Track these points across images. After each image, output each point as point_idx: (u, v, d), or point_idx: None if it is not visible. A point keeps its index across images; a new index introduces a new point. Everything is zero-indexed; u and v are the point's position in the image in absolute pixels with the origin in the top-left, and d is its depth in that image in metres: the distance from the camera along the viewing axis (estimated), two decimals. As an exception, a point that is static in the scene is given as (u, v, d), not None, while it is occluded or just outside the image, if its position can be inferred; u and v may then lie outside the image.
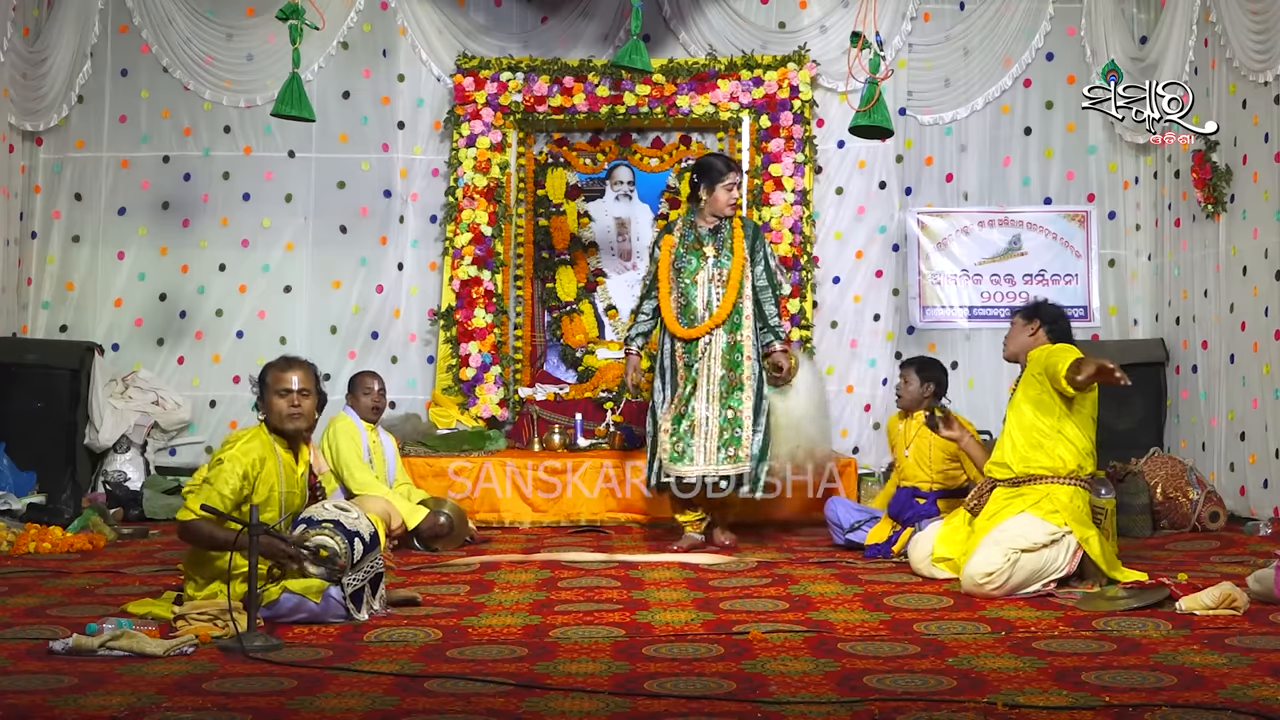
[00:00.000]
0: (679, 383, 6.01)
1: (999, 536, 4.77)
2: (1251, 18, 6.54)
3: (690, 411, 5.95)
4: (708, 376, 5.95)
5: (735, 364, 5.96)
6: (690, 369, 5.97)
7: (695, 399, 5.94)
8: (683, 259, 6.09)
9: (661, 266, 6.13)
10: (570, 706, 3.20)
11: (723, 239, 6.07)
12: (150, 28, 7.96)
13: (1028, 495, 4.88)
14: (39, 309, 7.95)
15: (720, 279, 6.02)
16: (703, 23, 8.02)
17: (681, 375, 6.01)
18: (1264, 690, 3.28)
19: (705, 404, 5.94)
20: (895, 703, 3.21)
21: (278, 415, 4.44)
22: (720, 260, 6.04)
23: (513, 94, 7.88)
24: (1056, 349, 4.94)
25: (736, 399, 5.93)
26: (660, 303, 6.11)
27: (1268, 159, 6.51)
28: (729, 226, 6.10)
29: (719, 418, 5.92)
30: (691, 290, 6.05)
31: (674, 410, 5.98)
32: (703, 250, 6.07)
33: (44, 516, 6.54)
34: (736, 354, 5.96)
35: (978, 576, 4.70)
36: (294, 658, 3.72)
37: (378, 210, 8.08)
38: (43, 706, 3.17)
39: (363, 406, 6.39)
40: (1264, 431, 6.50)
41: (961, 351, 7.97)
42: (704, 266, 6.04)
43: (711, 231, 6.10)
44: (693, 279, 6.05)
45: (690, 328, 6.00)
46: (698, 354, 5.97)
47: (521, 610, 4.51)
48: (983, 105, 8.03)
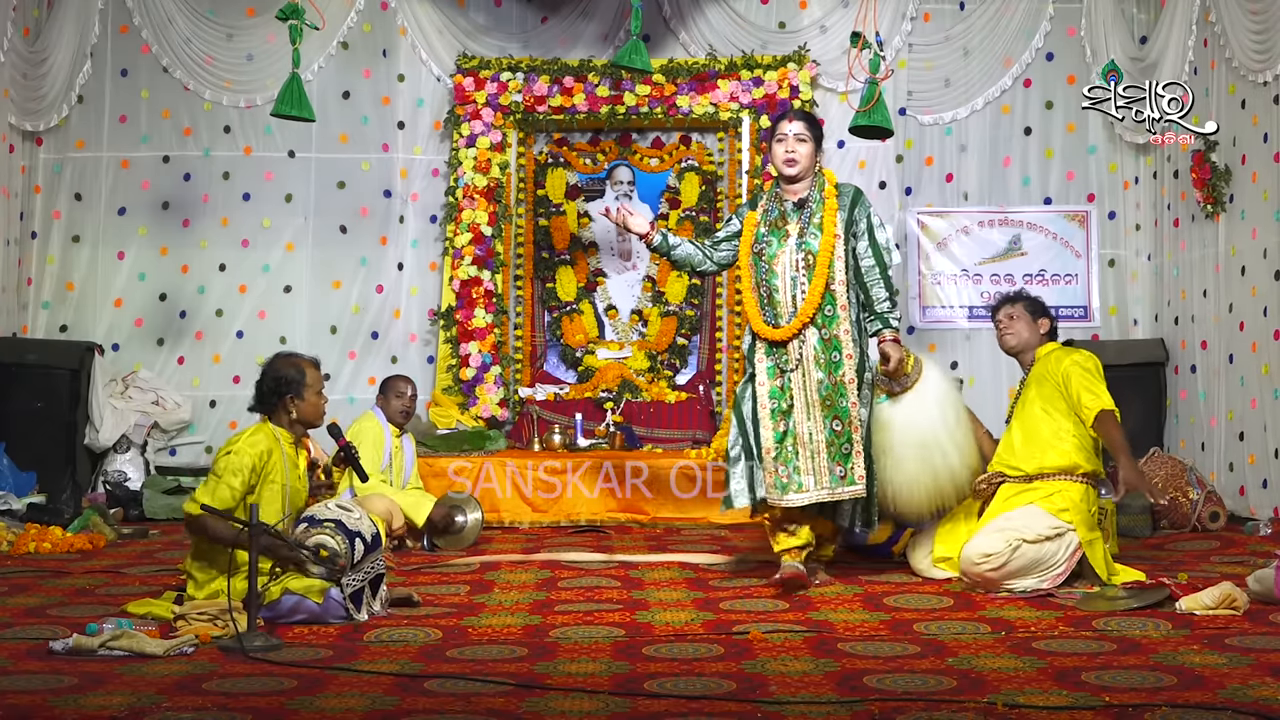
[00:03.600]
0: (773, 391, 4.96)
1: (1003, 524, 4.79)
2: (1251, 18, 6.54)
3: (792, 427, 4.92)
4: (805, 384, 4.91)
5: (834, 365, 4.89)
6: (785, 375, 4.94)
7: (795, 412, 4.92)
8: (763, 240, 5.03)
9: (742, 250, 5.10)
10: (570, 706, 3.20)
11: (809, 214, 4.98)
12: (150, 28, 7.97)
13: (1039, 489, 4.89)
14: (39, 309, 7.95)
15: (805, 264, 4.92)
16: (703, 23, 8.02)
17: (764, 381, 4.98)
18: (1264, 690, 3.28)
19: (807, 418, 4.90)
20: (895, 703, 3.21)
21: (317, 413, 4.52)
22: (805, 240, 4.94)
23: (513, 94, 7.89)
24: (1085, 375, 4.90)
25: (843, 408, 4.88)
26: (743, 295, 5.11)
27: (1267, 159, 6.51)
28: (818, 197, 5.00)
29: (825, 431, 4.88)
30: (773, 279, 4.97)
31: (770, 428, 4.93)
32: (785, 229, 5.00)
33: (44, 516, 6.53)
34: (834, 352, 4.89)
35: (975, 556, 4.71)
36: (294, 658, 3.72)
37: (378, 210, 8.08)
38: (43, 706, 3.17)
39: (393, 410, 6.37)
40: (1263, 431, 6.50)
41: (961, 351, 7.97)
42: (785, 249, 4.97)
43: (797, 206, 5.01)
44: (771, 265, 4.98)
45: (777, 328, 4.95)
46: (791, 358, 4.93)
47: (521, 610, 4.51)
48: (983, 105, 8.03)
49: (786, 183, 5.04)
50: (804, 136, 5.02)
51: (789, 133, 5.02)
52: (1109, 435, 4.83)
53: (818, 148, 5.08)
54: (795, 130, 5.02)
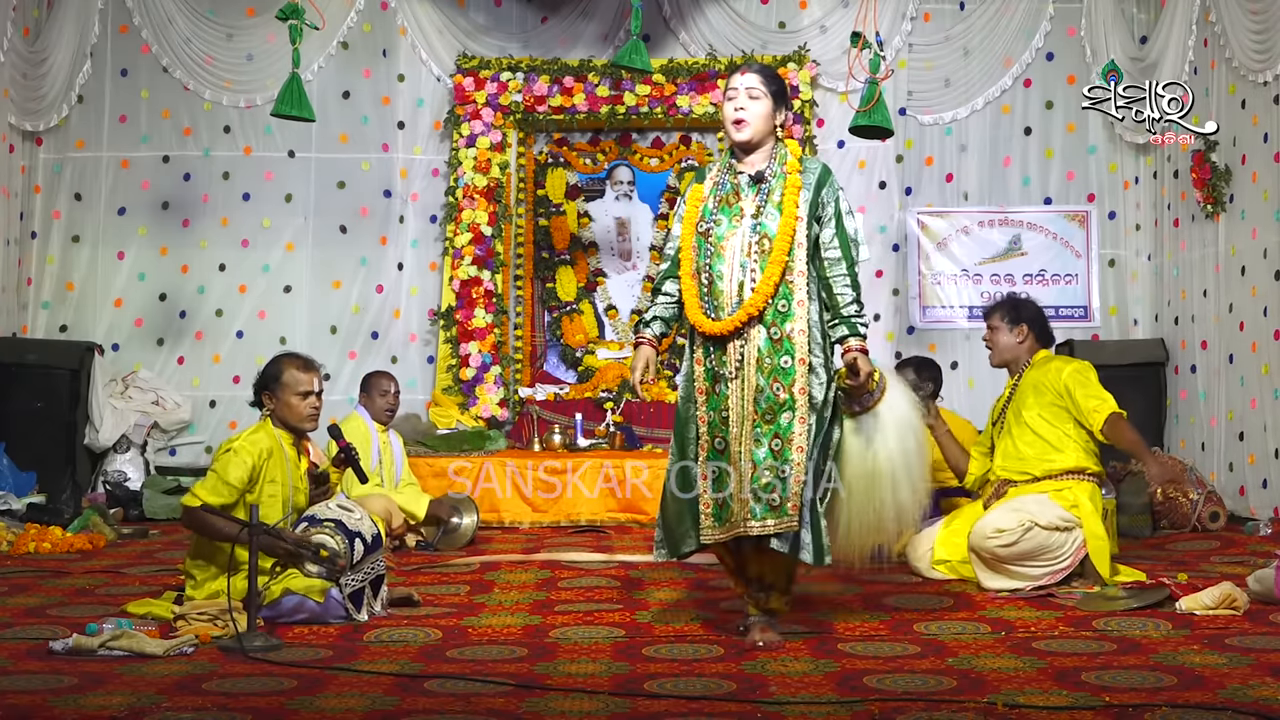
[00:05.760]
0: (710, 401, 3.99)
1: (1016, 505, 4.82)
2: (1251, 18, 6.54)
3: (728, 445, 3.93)
4: (743, 392, 3.92)
5: (782, 372, 3.88)
6: (722, 381, 3.96)
7: (730, 425, 3.93)
8: (711, 218, 4.02)
9: (685, 228, 4.09)
10: (570, 706, 3.20)
11: (768, 189, 4.00)
12: (150, 28, 7.97)
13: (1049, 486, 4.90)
14: (39, 309, 7.95)
15: (760, 249, 3.94)
16: (703, 23, 8.02)
17: (702, 389, 4.01)
18: (1264, 690, 3.28)
19: (741, 433, 3.91)
20: (895, 703, 3.20)
21: (299, 416, 4.47)
22: (762, 221, 3.96)
23: (513, 94, 7.89)
24: (1086, 383, 4.92)
25: (786, 425, 3.87)
26: (681, 283, 4.07)
27: (1267, 159, 6.51)
28: (779, 171, 4.02)
29: (762, 450, 3.87)
30: (718, 264, 3.97)
31: (706, 445, 3.98)
32: (739, 206, 4.01)
33: (44, 516, 6.53)
34: (783, 355, 3.89)
35: (988, 530, 4.71)
36: (294, 658, 3.72)
37: (378, 210, 8.08)
38: (43, 706, 3.17)
39: (376, 407, 6.36)
40: (1263, 431, 6.50)
41: (961, 351, 7.97)
42: (737, 230, 3.98)
43: (753, 180, 4.03)
44: (719, 248, 3.98)
45: (717, 320, 3.96)
46: (730, 361, 3.94)
47: (521, 610, 4.51)
48: (983, 105, 8.03)
49: (740, 151, 4.06)
50: (758, 92, 4.01)
51: (739, 86, 4.01)
52: (1123, 437, 4.86)
53: (778, 109, 4.05)
54: (747, 83, 4.01)
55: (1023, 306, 5.25)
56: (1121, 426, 4.86)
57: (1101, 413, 4.85)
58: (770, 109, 4.03)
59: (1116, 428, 4.85)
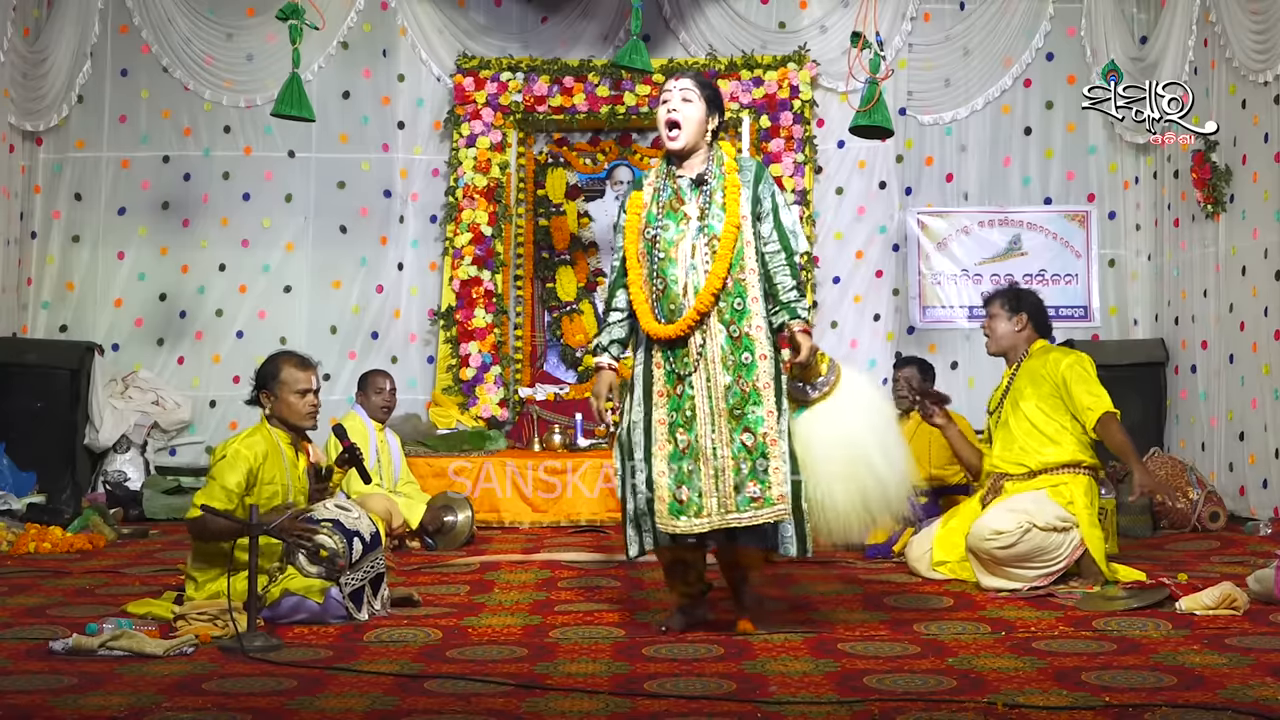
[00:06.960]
0: (670, 401, 4.09)
1: (1013, 504, 4.81)
2: (1251, 18, 6.54)
3: (694, 441, 4.04)
4: (710, 390, 4.05)
5: (745, 368, 4.03)
6: (684, 381, 4.07)
7: (697, 424, 4.05)
8: (656, 224, 4.14)
9: (629, 237, 4.20)
10: (570, 706, 3.20)
11: (710, 191, 4.12)
12: (150, 28, 7.97)
13: (1045, 481, 4.90)
14: (39, 309, 7.95)
15: (709, 249, 4.06)
16: (703, 23, 8.02)
17: (663, 391, 4.10)
18: (1264, 690, 3.28)
19: (711, 429, 4.04)
20: (895, 703, 3.21)
21: (297, 414, 4.47)
22: (708, 224, 4.08)
23: (513, 94, 7.89)
24: (1083, 379, 4.92)
25: (755, 418, 4.02)
26: (631, 293, 4.18)
27: (1267, 159, 6.51)
28: (718, 173, 4.15)
29: (732, 445, 4.02)
30: (669, 268, 4.08)
31: (666, 445, 4.07)
32: (682, 210, 4.13)
33: (44, 516, 6.53)
34: (744, 352, 4.04)
35: (986, 533, 4.71)
36: (294, 658, 3.72)
37: (378, 210, 8.08)
38: (43, 706, 3.17)
39: (373, 406, 6.37)
40: (1263, 431, 6.50)
41: (961, 351, 7.97)
42: (685, 233, 4.10)
43: (694, 183, 4.14)
44: (669, 253, 4.09)
45: (670, 323, 4.07)
46: (690, 359, 4.06)
47: (521, 610, 4.51)
48: (983, 105, 8.03)
49: (677, 157, 4.18)
50: (691, 95, 4.13)
51: (673, 89, 4.14)
52: (1113, 439, 4.84)
53: (712, 114, 4.17)
54: (681, 86, 4.14)
55: (1023, 296, 5.25)
56: (1113, 428, 4.84)
57: (1095, 411, 4.85)
58: (704, 113, 4.16)
59: (1108, 429, 4.84)
